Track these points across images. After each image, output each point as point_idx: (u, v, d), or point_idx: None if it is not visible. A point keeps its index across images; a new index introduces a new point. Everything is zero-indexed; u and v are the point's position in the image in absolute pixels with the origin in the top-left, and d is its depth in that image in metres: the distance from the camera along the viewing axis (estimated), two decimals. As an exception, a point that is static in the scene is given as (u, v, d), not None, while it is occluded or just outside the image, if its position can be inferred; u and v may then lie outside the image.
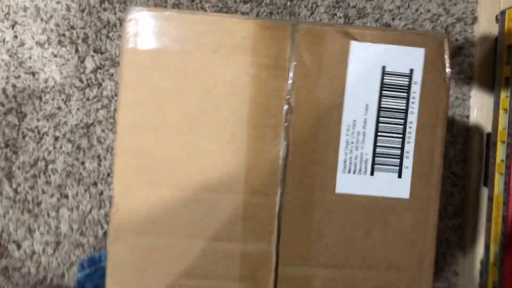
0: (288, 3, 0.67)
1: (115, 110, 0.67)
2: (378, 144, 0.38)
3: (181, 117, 0.38)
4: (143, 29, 0.37)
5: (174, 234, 0.38)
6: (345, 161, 0.39)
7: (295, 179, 0.39)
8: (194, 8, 0.67)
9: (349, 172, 0.39)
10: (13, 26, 0.66)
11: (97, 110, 0.67)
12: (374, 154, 0.39)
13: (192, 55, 0.37)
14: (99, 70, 0.67)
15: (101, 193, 0.68)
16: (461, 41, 0.68)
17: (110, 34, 0.66)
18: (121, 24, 0.66)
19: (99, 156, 0.68)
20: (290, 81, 0.38)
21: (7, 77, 0.66)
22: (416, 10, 0.67)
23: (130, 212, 0.38)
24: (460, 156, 0.69)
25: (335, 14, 0.67)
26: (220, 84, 0.38)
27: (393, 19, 0.67)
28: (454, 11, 0.67)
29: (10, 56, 0.66)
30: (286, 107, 0.38)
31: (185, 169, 0.38)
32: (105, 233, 0.69)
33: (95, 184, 0.68)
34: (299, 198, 0.39)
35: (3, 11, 0.65)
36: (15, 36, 0.66)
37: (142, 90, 0.37)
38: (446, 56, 0.38)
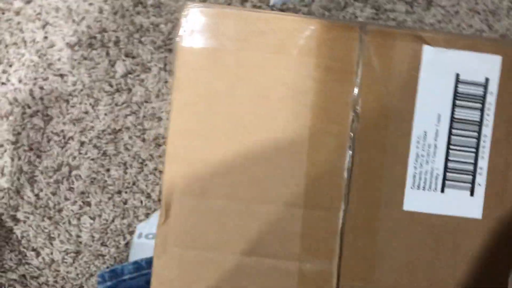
0: (326, 13, 0.65)
1: (144, 116, 0.65)
2: (450, 158, 0.35)
3: (236, 122, 0.35)
4: (199, 26, 0.34)
5: (226, 248, 0.35)
6: (414, 176, 0.35)
7: (359, 194, 0.35)
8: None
9: (418, 188, 0.35)
10: (44, 27, 0.64)
11: (126, 116, 0.65)
12: (446, 169, 0.35)
13: (250, 56, 0.34)
14: (129, 75, 0.65)
15: (125, 202, 0.65)
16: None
17: (143, 39, 0.64)
18: (154, 29, 0.64)
19: (125, 164, 0.65)
20: (357, 87, 0.35)
21: (35, 79, 0.64)
22: (458, 25, 0.65)
23: (178, 223, 0.35)
24: None
25: (374, 27, 0.65)
26: (280, 87, 0.34)
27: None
28: (498, 27, 0.65)
29: (39, 57, 0.64)
30: (352, 114, 0.35)
31: (239, 178, 0.35)
32: (127, 244, 0.66)
33: (119, 192, 0.65)
34: (363, 215, 0.35)
35: (35, 11, 0.63)
36: (46, 37, 0.64)
37: (196, 91, 0.34)
38: None
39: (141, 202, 0.65)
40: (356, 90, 0.35)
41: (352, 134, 0.35)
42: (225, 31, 0.34)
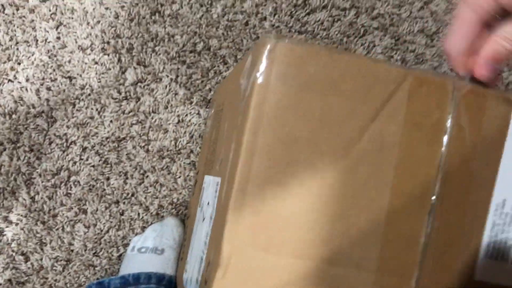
0: (345, 39, 0.63)
1: (150, 127, 0.62)
2: None
3: (312, 173, 0.31)
4: (282, 63, 0.30)
5: None
6: (488, 245, 0.32)
7: (435, 261, 0.32)
8: (247, 33, 0.63)
9: (491, 258, 0.32)
10: (57, 27, 0.61)
11: (131, 125, 0.62)
12: None
13: (336, 102, 0.30)
14: (139, 84, 0.62)
15: (122, 213, 0.62)
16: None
17: (157, 48, 0.62)
18: (169, 40, 0.62)
19: (126, 174, 0.62)
20: (444, 147, 0.32)
21: (43, 79, 0.61)
22: (478, 63, 0.63)
23: (239, 278, 0.31)
24: None
25: (392, 56, 0.63)
26: (364, 140, 0.31)
27: (451, 69, 0.63)
28: (518, 68, 0.63)
29: (49, 57, 0.61)
30: (437, 176, 0.32)
31: (310, 236, 0.31)
32: (119, 256, 0.62)
33: (117, 202, 0.62)
34: (437, 283, 0.32)
35: (50, 10, 0.61)
36: (58, 38, 0.61)
37: (274, 135, 0.30)
38: None
39: (138, 214, 0.62)
40: (443, 151, 0.32)
41: (435, 198, 0.32)
42: (313, 72, 0.30)
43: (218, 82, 0.63)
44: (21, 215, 0.61)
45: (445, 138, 0.32)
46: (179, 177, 0.62)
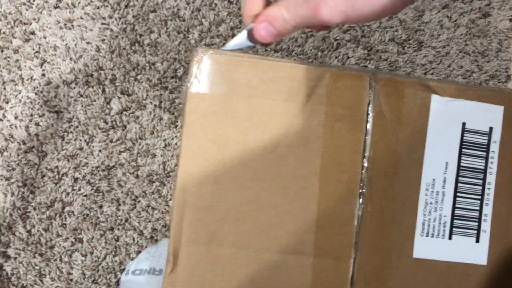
0: (319, 54, 0.64)
1: (138, 153, 0.63)
2: (457, 205, 0.34)
3: (245, 169, 0.33)
4: (210, 73, 0.32)
5: None
6: (423, 224, 0.33)
7: (370, 242, 0.33)
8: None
9: (427, 236, 0.33)
10: (42, 65, 0.62)
11: (120, 152, 0.63)
12: (453, 217, 0.34)
13: (260, 103, 0.33)
14: (124, 112, 0.63)
15: (117, 239, 0.63)
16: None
17: (139, 77, 0.63)
18: (150, 68, 0.63)
19: (118, 200, 0.63)
20: (367, 135, 0.33)
21: (31, 115, 0.62)
22: (449, 66, 0.64)
23: (186, 271, 0.32)
24: None
25: (366, 66, 0.64)
26: (290, 134, 0.33)
27: (425, 73, 0.64)
28: (487, 68, 0.64)
29: (36, 94, 0.62)
30: (362, 162, 0.33)
31: (248, 226, 0.33)
32: (117, 282, 0.63)
33: (111, 229, 0.63)
34: (374, 263, 0.33)
35: (33, 49, 0.62)
36: (43, 75, 0.62)
37: (206, 137, 0.32)
38: None
39: (133, 239, 0.62)
40: (366, 138, 0.33)
41: (362, 182, 0.33)
42: (236, 78, 0.33)
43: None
44: (19, 249, 0.61)
45: (367, 126, 0.33)
46: (170, 199, 0.63)
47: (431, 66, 0.64)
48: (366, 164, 0.33)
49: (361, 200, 0.33)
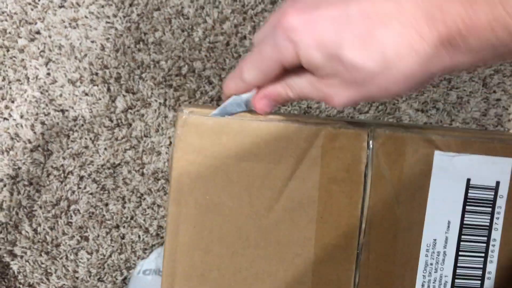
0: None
1: (143, 151, 0.62)
2: (459, 264, 0.32)
3: (237, 235, 0.31)
4: (196, 135, 0.30)
5: None
6: (423, 285, 0.32)
7: None
8: (229, 52, 0.63)
9: None
10: (47, 64, 0.62)
11: (125, 150, 0.62)
12: (454, 276, 0.32)
13: (251, 166, 0.31)
14: (129, 110, 0.63)
15: (123, 237, 0.62)
16: None
17: (143, 75, 0.63)
18: (154, 66, 0.63)
19: (123, 198, 0.62)
20: (366, 198, 0.31)
21: (37, 114, 0.62)
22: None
23: None
24: None
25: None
26: (283, 198, 0.31)
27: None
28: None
29: (41, 93, 0.62)
30: (360, 226, 0.31)
31: None
32: (124, 279, 0.62)
33: (117, 227, 0.62)
34: None
35: (38, 48, 0.62)
36: (48, 74, 0.62)
37: (196, 203, 0.30)
38: None
39: (139, 236, 0.62)
40: (365, 201, 0.31)
41: (360, 247, 0.31)
42: (225, 141, 0.31)
43: (205, 102, 0.63)
44: (25, 248, 0.61)
45: (365, 188, 0.31)
46: (175, 197, 0.62)
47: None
48: (363, 228, 0.31)
49: (358, 265, 0.31)
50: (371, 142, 0.31)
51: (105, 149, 0.62)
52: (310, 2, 0.26)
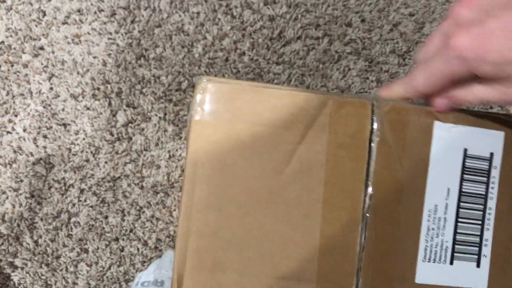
0: (320, 66, 0.64)
1: (143, 164, 0.63)
2: (458, 231, 0.34)
3: (248, 196, 0.32)
4: (212, 101, 0.32)
5: None
6: (425, 249, 0.33)
7: (373, 269, 0.32)
8: (228, 68, 0.64)
9: (429, 261, 0.33)
10: (50, 79, 0.63)
11: (125, 164, 0.63)
12: (454, 242, 0.33)
13: (263, 131, 0.32)
14: (130, 124, 0.63)
15: (122, 249, 0.63)
16: None
17: (144, 90, 0.63)
18: (155, 81, 0.63)
19: (123, 211, 0.63)
20: (371, 162, 0.33)
21: (39, 128, 0.63)
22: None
23: None
24: None
25: (367, 78, 0.64)
26: (293, 162, 0.32)
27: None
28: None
29: (44, 107, 0.63)
30: (365, 190, 0.33)
31: (251, 253, 0.32)
32: (123, 291, 0.63)
33: (116, 239, 0.63)
34: None
35: (42, 63, 0.63)
36: (51, 88, 0.63)
37: (210, 165, 0.32)
38: None
39: (138, 249, 0.62)
40: (370, 166, 0.33)
41: (365, 210, 0.33)
42: (240, 106, 0.32)
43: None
44: (26, 259, 0.62)
45: (371, 154, 0.33)
46: (174, 210, 0.63)
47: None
48: (370, 191, 0.32)
49: (364, 227, 0.32)
50: (376, 110, 0.33)
51: (106, 162, 0.62)
52: (473, 18, 0.28)
